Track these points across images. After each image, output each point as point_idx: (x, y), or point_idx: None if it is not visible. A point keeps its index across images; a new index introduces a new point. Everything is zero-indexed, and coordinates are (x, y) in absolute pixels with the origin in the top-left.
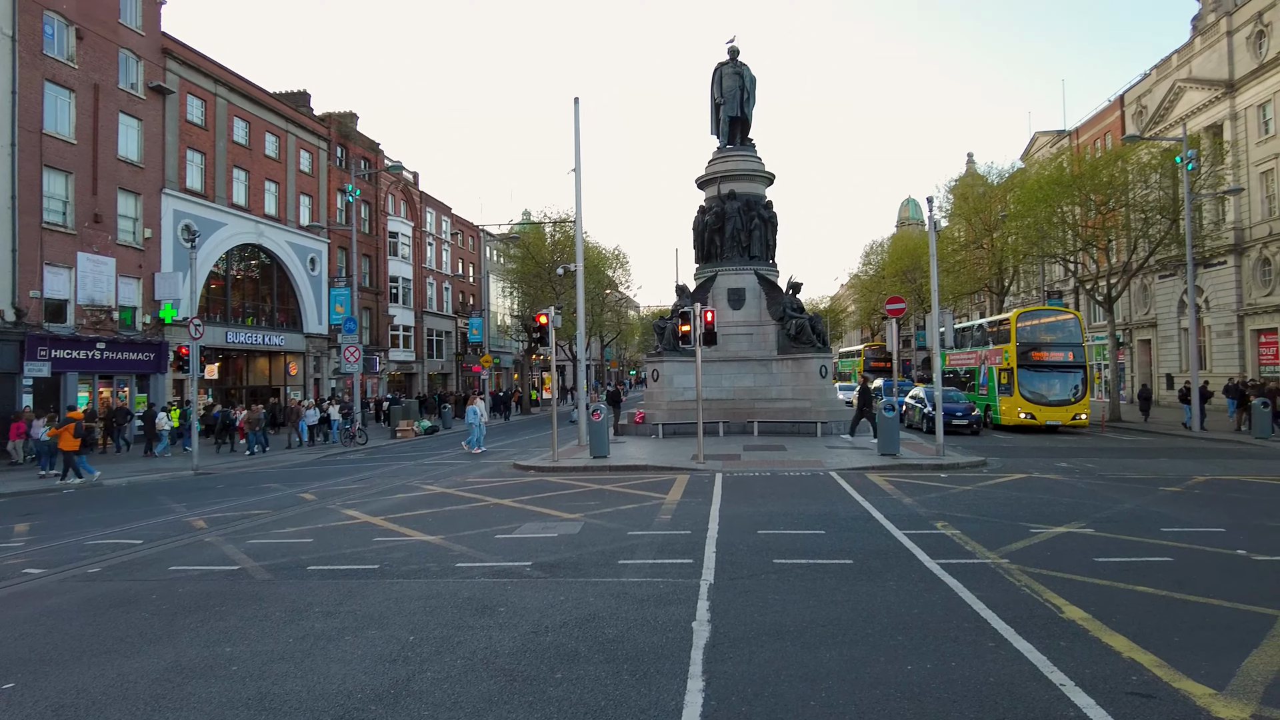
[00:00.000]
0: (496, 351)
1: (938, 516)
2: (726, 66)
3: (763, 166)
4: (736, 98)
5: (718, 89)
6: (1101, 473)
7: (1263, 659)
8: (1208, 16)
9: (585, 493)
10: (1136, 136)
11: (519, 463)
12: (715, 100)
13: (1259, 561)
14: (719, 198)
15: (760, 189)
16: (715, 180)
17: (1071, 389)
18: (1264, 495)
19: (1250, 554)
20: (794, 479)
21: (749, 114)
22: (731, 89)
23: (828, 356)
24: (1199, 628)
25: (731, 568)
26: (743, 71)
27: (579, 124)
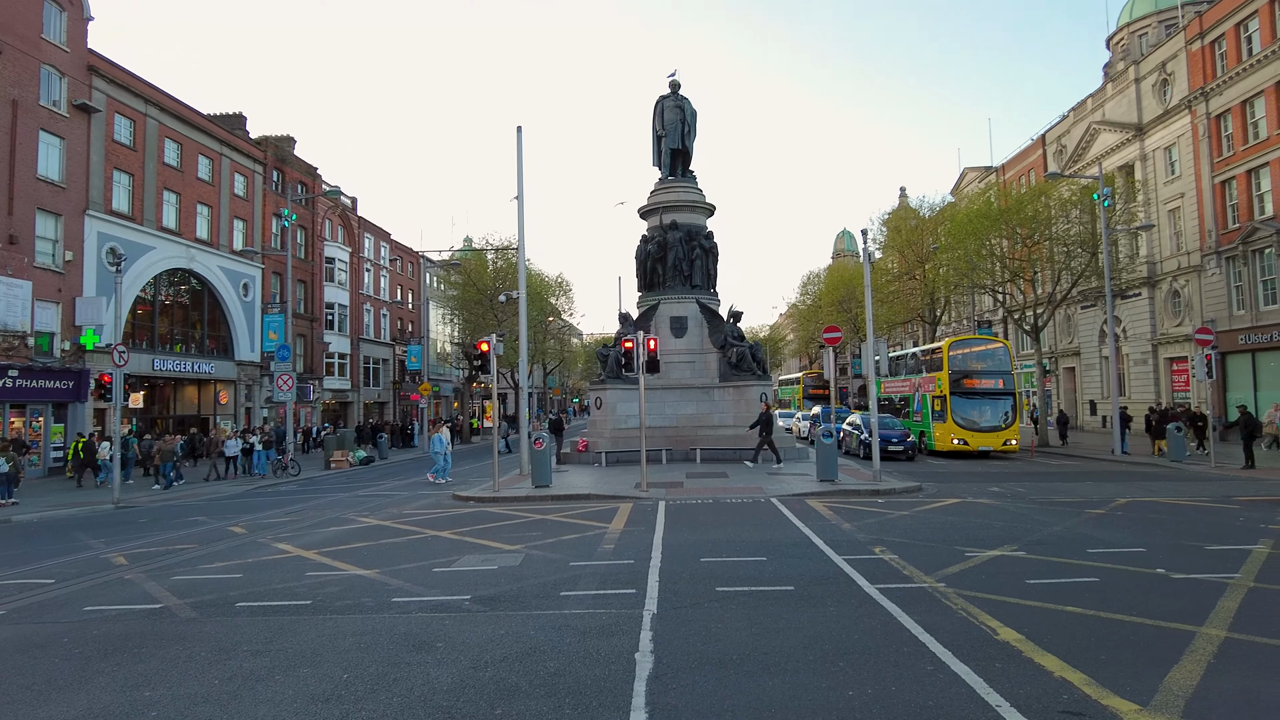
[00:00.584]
0: (436, 379)
1: (876, 541)
2: (668, 99)
3: (704, 198)
4: (678, 130)
5: (659, 121)
6: (1031, 497)
7: (1182, 675)
8: (1118, 64)
9: (527, 523)
10: (1057, 174)
11: (459, 493)
12: (657, 132)
13: (1176, 580)
14: (661, 227)
15: (701, 219)
16: (658, 210)
17: (1002, 415)
18: (1180, 516)
19: (1169, 573)
20: (736, 506)
21: (690, 146)
22: (673, 121)
23: (768, 384)
24: (1124, 646)
25: (674, 597)
26: (684, 105)
27: (522, 152)
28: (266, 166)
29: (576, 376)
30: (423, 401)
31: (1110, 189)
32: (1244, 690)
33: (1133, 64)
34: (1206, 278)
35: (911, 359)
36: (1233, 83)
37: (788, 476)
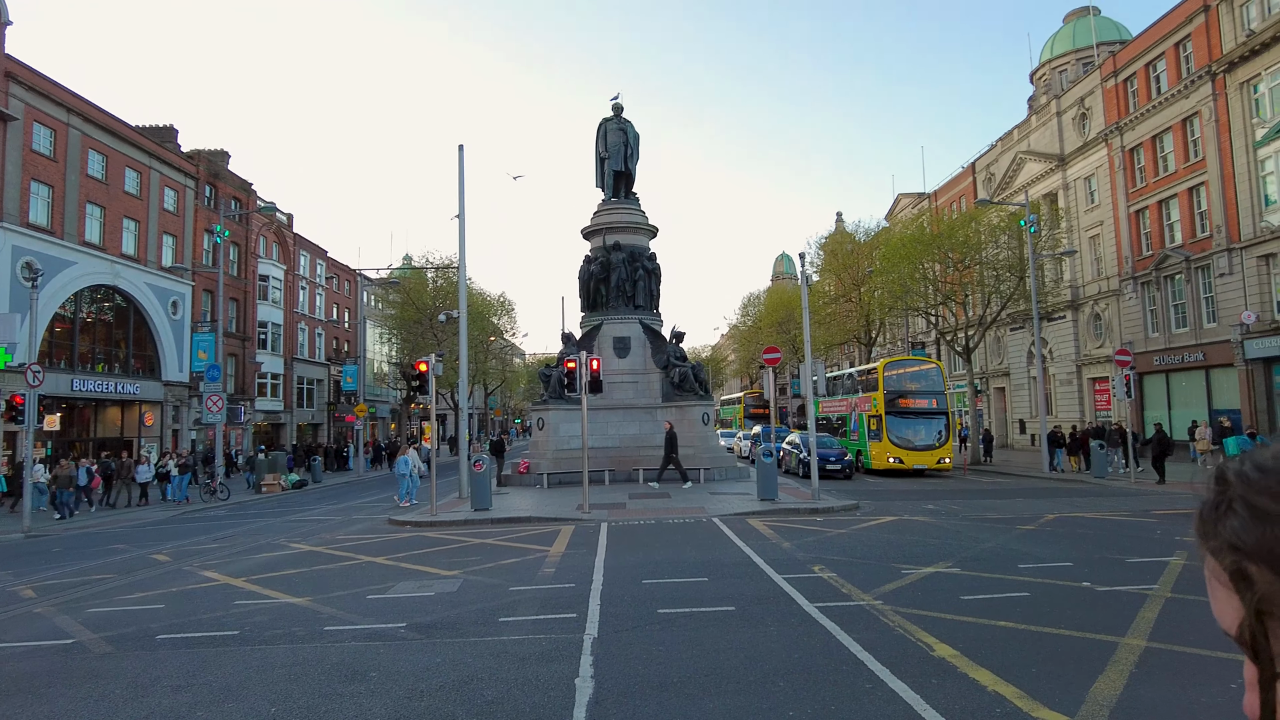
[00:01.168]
0: (372, 400)
1: (815, 560)
2: (611, 122)
3: (646, 219)
4: (621, 153)
5: (602, 144)
6: (965, 514)
7: (1107, 684)
8: (1041, 98)
9: (465, 547)
10: (987, 201)
11: (395, 518)
12: (600, 154)
13: (1101, 592)
14: (604, 248)
15: (644, 241)
16: (601, 231)
17: (936, 434)
18: (1104, 530)
19: (1094, 585)
20: (678, 526)
21: (633, 169)
22: (616, 144)
23: (710, 404)
24: (1053, 658)
25: (616, 620)
26: (626, 128)
27: (463, 170)
28: (199, 181)
29: (519, 397)
30: (358, 423)
31: (1036, 216)
32: (1163, 697)
33: (1054, 98)
34: (1124, 302)
35: (848, 379)
36: (1144, 119)
37: (729, 496)
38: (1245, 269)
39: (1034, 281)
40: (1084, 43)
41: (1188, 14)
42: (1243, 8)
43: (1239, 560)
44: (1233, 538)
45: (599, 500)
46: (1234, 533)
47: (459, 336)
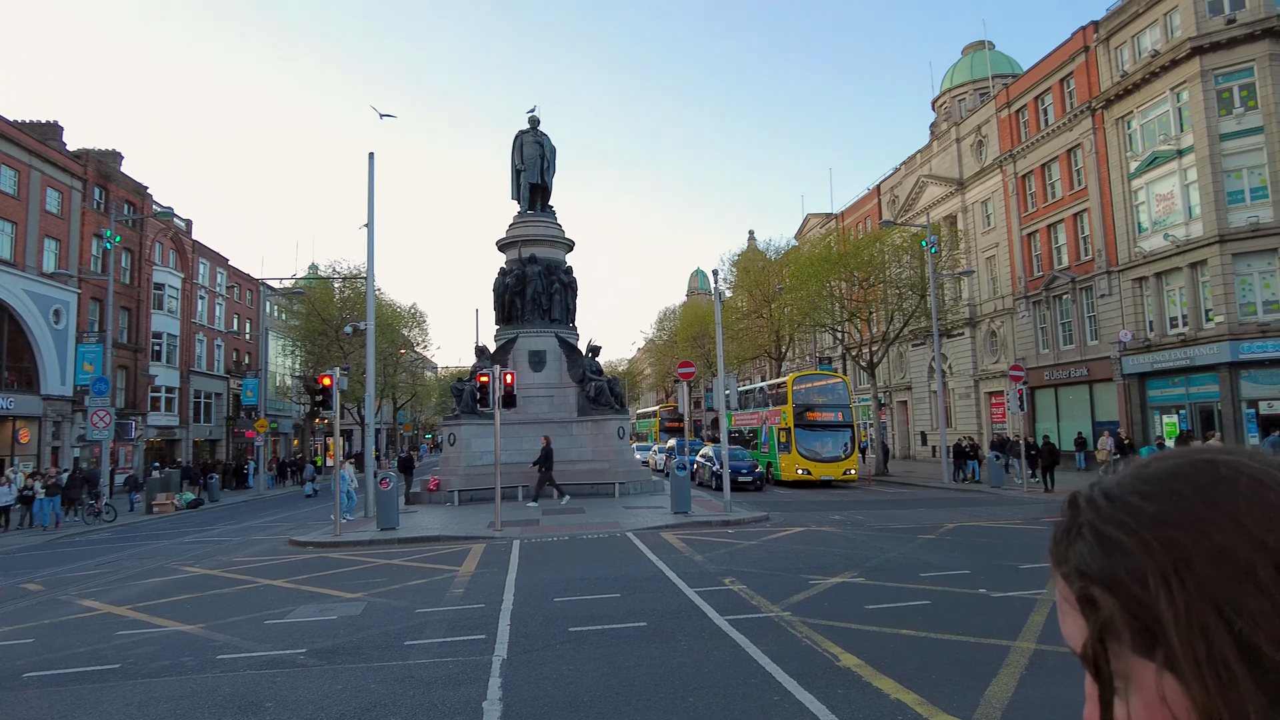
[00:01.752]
0: (275, 415)
1: (726, 572)
2: (527, 135)
3: (563, 233)
4: (537, 165)
5: (519, 156)
6: (870, 524)
7: (1000, 687)
8: (942, 125)
9: (370, 569)
10: (890, 222)
11: (296, 538)
12: (516, 166)
13: (996, 598)
14: (520, 261)
15: (560, 254)
16: (516, 244)
17: (842, 446)
18: (999, 538)
19: (989, 592)
20: (592, 542)
21: (549, 182)
22: (532, 156)
23: (625, 418)
24: (951, 664)
25: (526, 640)
26: (543, 141)
27: (373, 179)
28: (87, 183)
29: (429, 412)
30: (259, 439)
31: (936, 237)
32: (1051, 697)
33: (954, 125)
34: (1017, 320)
35: (760, 393)
36: (1034, 148)
37: (643, 510)
38: (1122, 291)
39: (934, 300)
40: (980, 74)
41: (1070, 53)
42: (1117, 50)
43: (1086, 585)
44: (1080, 564)
45: (511, 517)
46: (1082, 559)
47: (366, 349)
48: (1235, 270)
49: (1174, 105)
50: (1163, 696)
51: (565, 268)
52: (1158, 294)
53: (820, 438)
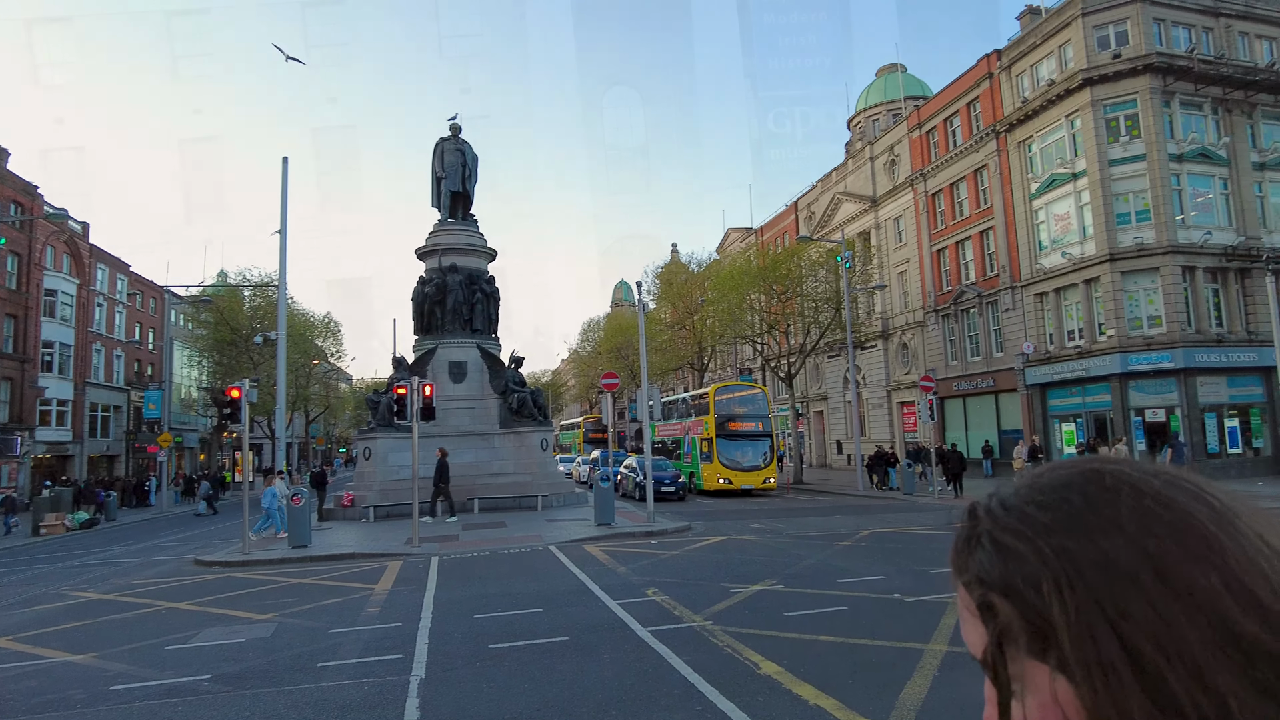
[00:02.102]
0: (179, 429)
1: (649, 584)
2: (448, 142)
3: (485, 242)
4: (458, 173)
5: (439, 163)
6: (788, 532)
7: (914, 690)
8: (856, 144)
9: (281, 588)
10: (807, 238)
11: (201, 558)
12: (436, 174)
13: (910, 602)
14: (440, 270)
15: (483, 263)
16: (437, 252)
17: (762, 455)
18: (913, 544)
19: (904, 596)
20: (514, 556)
21: (471, 190)
22: (453, 164)
23: (549, 430)
24: (869, 668)
25: (445, 658)
26: (465, 149)
27: (287, 184)
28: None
29: (344, 425)
30: (162, 454)
31: (851, 253)
32: (961, 697)
33: (868, 144)
34: (928, 333)
35: (682, 404)
36: (943, 168)
37: (566, 522)
38: (1025, 305)
39: (849, 313)
40: (893, 96)
41: (976, 79)
42: (1018, 78)
43: (985, 593)
44: (980, 572)
45: (430, 533)
46: (981, 567)
47: (277, 359)
48: (1124, 287)
49: (1069, 131)
50: (1055, 698)
51: (488, 277)
52: (1057, 309)
53: (741, 447)
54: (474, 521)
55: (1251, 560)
